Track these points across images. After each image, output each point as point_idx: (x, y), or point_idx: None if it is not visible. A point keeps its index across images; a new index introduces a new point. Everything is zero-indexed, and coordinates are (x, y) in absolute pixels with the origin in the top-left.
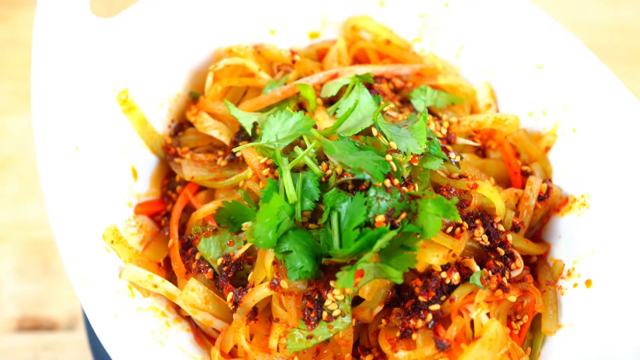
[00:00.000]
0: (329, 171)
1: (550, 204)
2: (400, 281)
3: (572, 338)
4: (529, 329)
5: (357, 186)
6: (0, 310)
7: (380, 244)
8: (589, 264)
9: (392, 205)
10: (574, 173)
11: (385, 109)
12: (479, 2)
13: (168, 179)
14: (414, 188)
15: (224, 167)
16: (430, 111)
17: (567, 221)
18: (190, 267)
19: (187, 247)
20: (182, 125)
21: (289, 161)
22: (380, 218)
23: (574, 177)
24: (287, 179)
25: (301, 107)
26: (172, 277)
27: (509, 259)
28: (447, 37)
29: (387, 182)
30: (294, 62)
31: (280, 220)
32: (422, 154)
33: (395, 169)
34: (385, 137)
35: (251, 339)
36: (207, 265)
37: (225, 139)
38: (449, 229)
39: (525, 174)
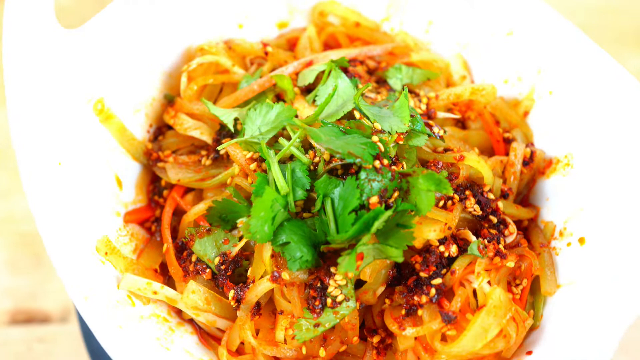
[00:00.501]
0: (317, 159)
1: (535, 168)
2: (400, 259)
3: (572, 297)
4: (529, 292)
5: (347, 170)
6: None
7: (377, 225)
8: (580, 222)
9: (384, 185)
10: (554, 135)
11: (364, 91)
12: None
13: (153, 185)
14: (402, 166)
15: (209, 167)
16: (408, 88)
17: (554, 182)
18: (187, 269)
19: (182, 250)
20: (160, 129)
21: (275, 153)
22: (374, 199)
23: (555, 138)
24: (275, 170)
25: (279, 98)
26: (169, 282)
27: (501, 226)
28: (415, 14)
29: (377, 163)
30: (266, 53)
31: (274, 212)
32: (406, 132)
33: (382, 149)
34: (369, 119)
35: (257, 334)
36: (204, 266)
37: (207, 138)
38: (441, 203)
39: (507, 141)
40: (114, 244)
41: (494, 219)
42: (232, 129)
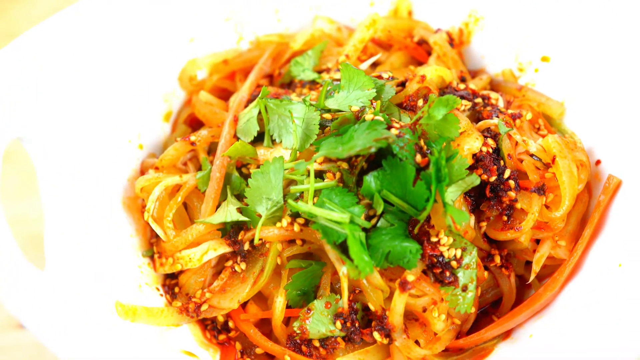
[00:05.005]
0: (338, 174)
1: (458, 44)
2: (478, 180)
3: (581, 105)
4: (551, 126)
5: (370, 162)
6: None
7: (445, 173)
8: (530, 49)
9: (413, 141)
10: (444, 8)
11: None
12: None
13: (208, 331)
14: (395, 122)
15: (248, 268)
16: (318, 72)
17: (478, 42)
18: (321, 356)
19: (298, 347)
20: (168, 285)
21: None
22: (419, 157)
23: (447, 10)
24: (322, 212)
25: (238, 167)
26: None
27: (486, 101)
28: (258, 14)
29: (394, 130)
30: (193, 144)
31: (359, 239)
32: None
33: (383, 119)
34: (341, 110)
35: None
36: (332, 339)
37: (223, 249)
38: None
39: (421, 43)
40: None
41: (480, 100)
42: (243, 218)
